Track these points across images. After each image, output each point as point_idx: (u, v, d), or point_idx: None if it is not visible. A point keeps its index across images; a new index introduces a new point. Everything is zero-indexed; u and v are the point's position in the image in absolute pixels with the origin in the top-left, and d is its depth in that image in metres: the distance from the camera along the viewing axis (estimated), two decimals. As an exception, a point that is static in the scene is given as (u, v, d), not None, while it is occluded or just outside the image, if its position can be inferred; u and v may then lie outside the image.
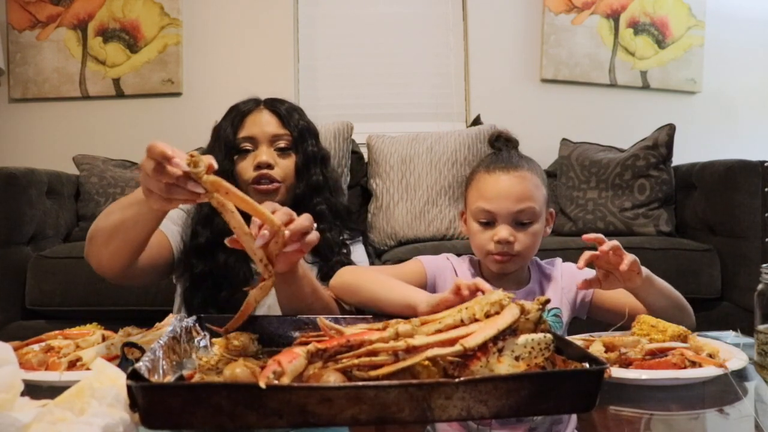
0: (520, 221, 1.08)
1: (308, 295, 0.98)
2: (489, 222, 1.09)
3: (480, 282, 0.82)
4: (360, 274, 1.11)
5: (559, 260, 1.20)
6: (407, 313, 0.96)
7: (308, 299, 0.99)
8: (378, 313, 1.09)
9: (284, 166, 1.25)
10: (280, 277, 0.93)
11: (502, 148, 1.19)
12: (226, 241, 0.81)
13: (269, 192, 1.23)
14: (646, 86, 2.74)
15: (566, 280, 1.15)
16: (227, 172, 1.24)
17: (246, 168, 1.24)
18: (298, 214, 1.24)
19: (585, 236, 0.98)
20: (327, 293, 1.09)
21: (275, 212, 0.84)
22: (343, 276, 1.10)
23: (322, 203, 1.28)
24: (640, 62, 2.73)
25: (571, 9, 2.68)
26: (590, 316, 1.14)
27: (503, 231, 1.07)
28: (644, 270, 0.99)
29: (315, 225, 0.90)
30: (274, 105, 1.29)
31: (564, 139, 2.39)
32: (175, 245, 1.20)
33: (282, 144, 1.26)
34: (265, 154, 1.24)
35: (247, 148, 1.25)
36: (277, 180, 1.23)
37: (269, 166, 1.23)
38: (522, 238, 1.07)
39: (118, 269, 1.03)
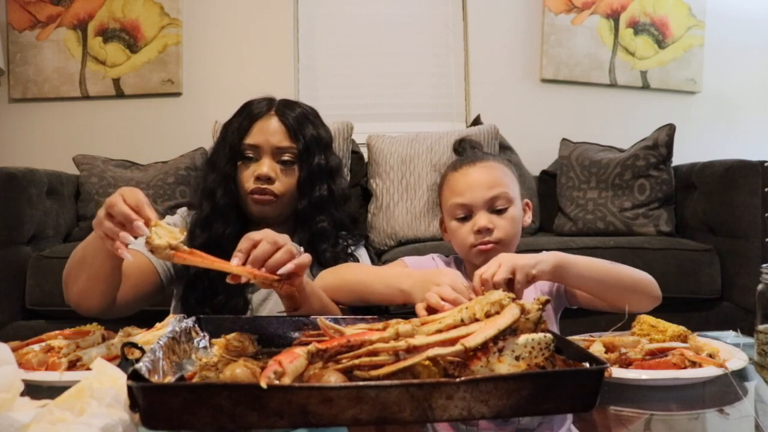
0: (495, 208, 1.10)
1: (317, 311, 0.98)
2: (466, 216, 1.11)
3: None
4: (342, 272, 1.12)
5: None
6: (401, 299, 1.00)
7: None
8: (376, 308, 1.10)
9: (285, 182, 1.21)
10: (287, 296, 0.94)
11: (466, 150, 1.22)
12: (228, 279, 0.83)
13: (265, 203, 1.20)
14: (646, 86, 2.75)
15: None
16: (228, 176, 1.23)
17: (247, 178, 1.21)
18: (300, 231, 1.25)
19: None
20: (336, 306, 1.09)
21: (258, 244, 0.85)
22: (324, 278, 1.10)
23: (324, 220, 1.23)
24: (640, 62, 2.73)
25: (571, 9, 2.68)
26: (577, 306, 1.13)
27: (481, 219, 1.09)
28: (553, 259, 0.95)
29: (301, 249, 0.91)
30: (285, 112, 1.24)
31: (564, 139, 2.39)
32: (160, 266, 1.18)
33: (286, 157, 1.21)
34: (266, 166, 1.20)
35: (251, 156, 1.22)
36: (275, 194, 1.20)
37: (269, 180, 1.20)
38: (501, 223, 1.09)
39: (97, 305, 1.03)
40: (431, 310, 0.85)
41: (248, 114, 1.24)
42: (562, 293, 1.13)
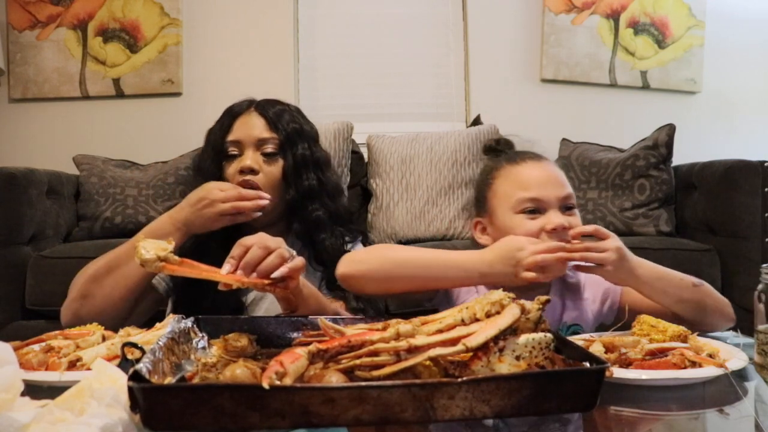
0: (567, 204, 1.04)
1: (314, 312, 0.98)
2: (536, 211, 1.03)
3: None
4: (388, 253, 1.02)
5: None
6: (477, 283, 0.99)
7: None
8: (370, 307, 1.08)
9: (269, 172, 1.21)
10: (283, 299, 0.94)
11: (504, 149, 1.17)
12: (220, 287, 0.84)
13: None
14: (646, 86, 2.74)
15: (591, 290, 1.10)
16: (215, 176, 1.23)
17: (232, 174, 1.21)
18: (293, 221, 1.25)
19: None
20: (334, 306, 1.08)
21: (250, 248, 0.85)
22: (365, 261, 0.99)
23: (318, 209, 1.23)
24: (640, 62, 2.73)
25: (571, 9, 2.68)
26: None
27: (556, 217, 1.01)
28: (634, 262, 0.97)
29: (293, 253, 0.90)
30: (264, 107, 1.25)
31: (564, 139, 2.39)
32: (157, 281, 1.19)
33: (269, 149, 1.22)
34: (249, 158, 1.20)
35: (234, 152, 1.22)
36: (260, 187, 1.20)
37: (252, 171, 1.20)
38: (575, 222, 1.03)
39: (119, 312, 1.05)
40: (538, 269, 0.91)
41: (229, 114, 1.26)
42: (615, 310, 1.09)
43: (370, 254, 1.03)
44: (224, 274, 0.83)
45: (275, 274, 0.85)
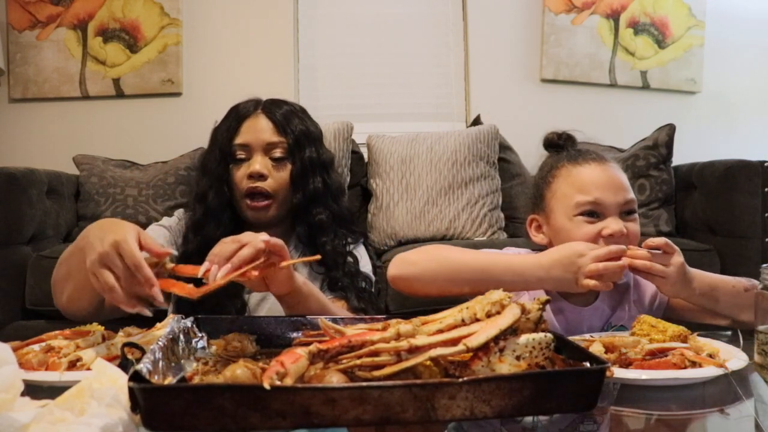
0: (627, 211, 1.02)
1: (316, 312, 0.98)
2: (594, 214, 1.01)
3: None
4: (443, 254, 1.00)
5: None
6: (534, 288, 0.97)
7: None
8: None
9: (278, 177, 1.21)
10: (284, 296, 0.94)
11: (567, 145, 1.13)
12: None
13: (260, 209, 1.20)
14: (646, 86, 2.75)
15: (639, 291, 1.10)
16: (221, 178, 1.22)
17: (240, 178, 1.21)
18: (297, 224, 1.24)
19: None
20: (336, 306, 1.08)
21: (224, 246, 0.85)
22: (417, 263, 0.98)
23: (322, 212, 1.23)
24: (640, 62, 2.73)
25: (571, 9, 2.68)
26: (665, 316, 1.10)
27: (615, 223, 0.99)
28: (690, 275, 0.97)
29: (262, 245, 0.88)
30: (272, 109, 1.24)
31: (564, 139, 2.39)
32: None
33: (277, 153, 1.22)
34: (258, 163, 1.20)
35: (242, 156, 1.22)
36: (269, 193, 1.20)
37: (262, 176, 1.20)
38: (633, 228, 1.01)
39: (85, 309, 1.02)
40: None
41: (236, 115, 1.25)
42: (662, 308, 1.09)
43: (423, 256, 1.01)
44: (183, 287, 0.81)
45: (261, 243, 0.83)
